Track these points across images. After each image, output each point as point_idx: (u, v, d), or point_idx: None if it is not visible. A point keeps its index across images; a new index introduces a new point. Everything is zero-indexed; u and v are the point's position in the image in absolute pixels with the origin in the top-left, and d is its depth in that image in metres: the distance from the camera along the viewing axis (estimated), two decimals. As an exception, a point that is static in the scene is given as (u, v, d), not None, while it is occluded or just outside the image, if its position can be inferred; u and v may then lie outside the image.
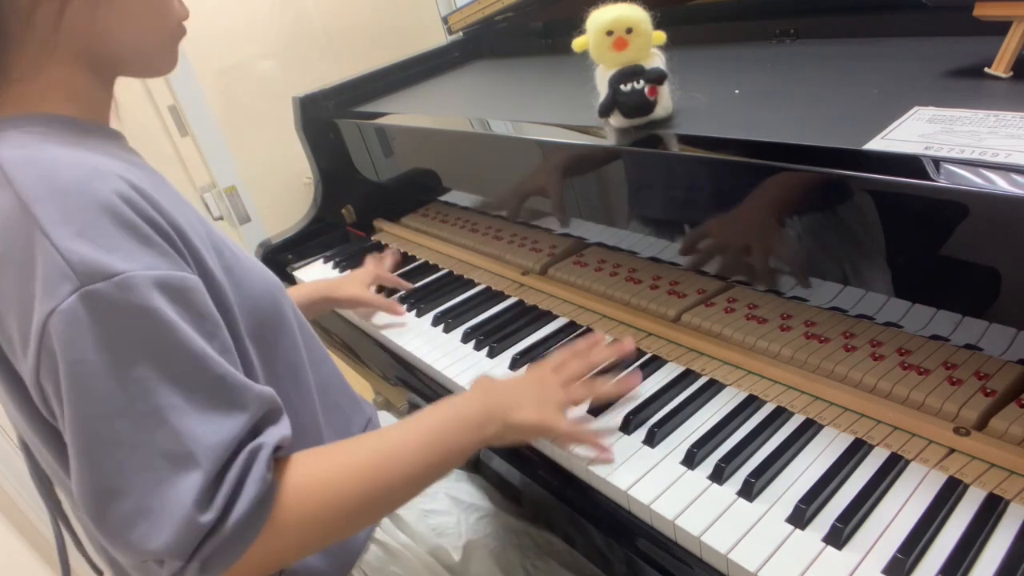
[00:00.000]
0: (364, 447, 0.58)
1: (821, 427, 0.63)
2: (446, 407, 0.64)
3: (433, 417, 0.62)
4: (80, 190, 0.47)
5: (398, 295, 1.06)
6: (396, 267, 1.12)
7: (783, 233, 0.63)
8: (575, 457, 0.66)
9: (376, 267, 1.07)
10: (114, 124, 0.61)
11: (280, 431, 0.52)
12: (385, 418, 0.96)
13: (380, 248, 1.28)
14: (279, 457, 0.52)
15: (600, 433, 0.67)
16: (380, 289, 1.07)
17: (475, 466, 0.85)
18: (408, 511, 0.75)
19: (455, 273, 1.10)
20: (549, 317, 0.91)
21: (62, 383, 0.45)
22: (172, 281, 0.48)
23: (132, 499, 0.45)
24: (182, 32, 0.60)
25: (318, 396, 0.69)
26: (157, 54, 0.59)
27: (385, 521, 0.75)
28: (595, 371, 0.73)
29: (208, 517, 0.46)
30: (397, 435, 0.59)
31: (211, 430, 0.47)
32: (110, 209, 0.47)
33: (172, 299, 0.48)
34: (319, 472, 0.54)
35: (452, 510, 0.78)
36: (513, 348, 0.86)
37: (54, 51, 0.52)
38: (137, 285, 0.46)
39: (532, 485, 0.72)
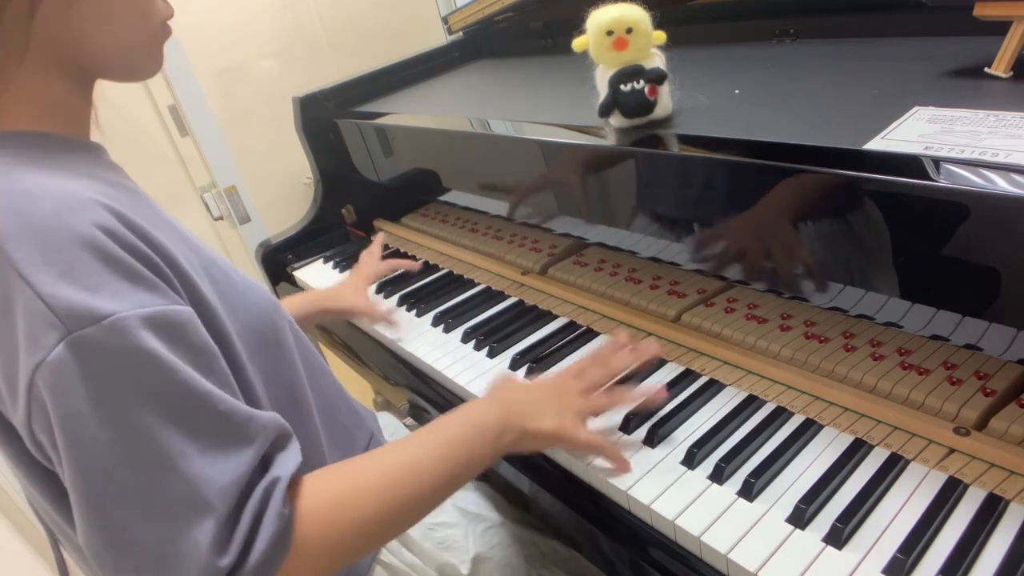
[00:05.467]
0: (379, 464, 0.56)
1: (821, 427, 0.63)
2: (462, 417, 0.61)
3: (449, 428, 0.60)
4: (57, 225, 0.44)
5: (401, 294, 1.06)
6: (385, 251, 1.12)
7: (782, 233, 0.63)
8: (578, 460, 0.66)
9: (369, 266, 1.05)
10: (94, 134, 0.57)
11: (292, 458, 0.51)
12: (385, 418, 0.96)
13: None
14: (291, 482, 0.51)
15: (620, 445, 0.66)
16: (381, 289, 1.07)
17: (482, 475, 0.85)
18: (413, 527, 0.72)
19: (455, 273, 1.10)
20: (549, 317, 0.91)
21: (58, 438, 0.43)
22: (165, 317, 0.45)
23: (146, 552, 0.43)
24: (167, 33, 0.56)
25: (319, 414, 0.67)
26: (139, 56, 0.55)
27: (391, 541, 0.73)
28: (617, 379, 0.71)
29: (227, 561, 0.44)
30: (413, 449, 0.57)
31: (220, 470, 0.45)
32: (92, 244, 0.44)
33: (166, 337, 0.45)
34: (334, 496, 0.52)
35: (459, 522, 0.76)
36: (513, 348, 0.86)
37: (25, 56, 0.49)
38: (128, 326, 0.43)
39: (538, 489, 0.72)
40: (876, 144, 0.54)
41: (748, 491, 0.57)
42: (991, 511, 0.51)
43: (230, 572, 0.44)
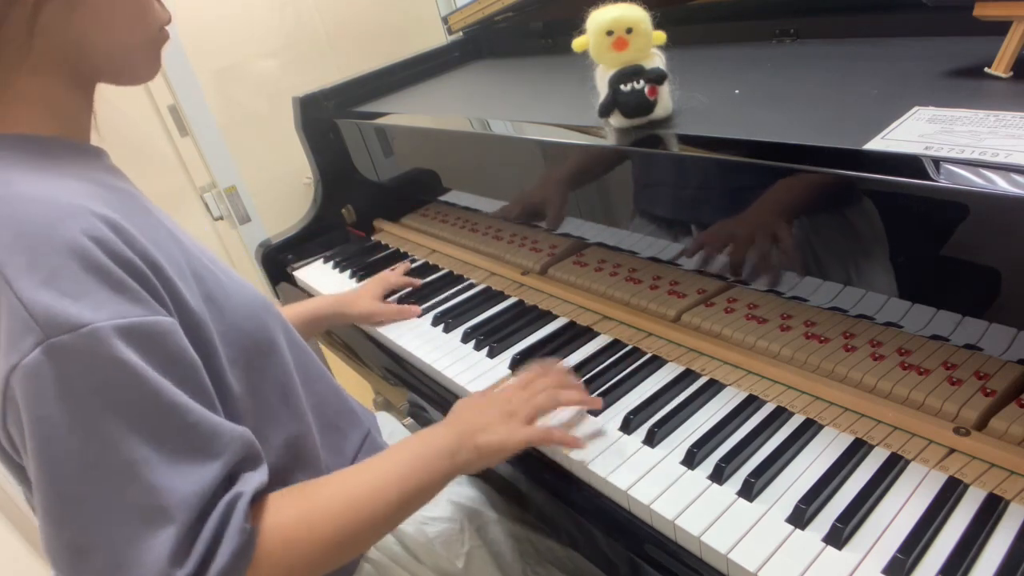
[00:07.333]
0: (341, 486, 0.57)
1: (821, 427, 0.63)
2: (418, 441, 0.64)
3: (406, 452, 0.62)
4: (46, 232, 0.45)
5: (402, 293, 1.06)
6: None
7: (783, 233, 0.63)
8: (575, 458, 0.66)
9: (386, 275, 1.07)
10: (94, 138, 0.58)
11: (258, 478, 0.51)
12: (385, 418, 0.96)
13: (380, 248, 1.28)
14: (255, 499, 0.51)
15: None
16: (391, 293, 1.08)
17: (478, 472, 0.85)
18: (407, 522, 0.72)
19: (455, 273, 1.10)
20: (549, 317, 0.91)
21: (27, 439, 0.44)
22: (142, 328, 0.46)
23: (104, 556, 0.44)
24: (164, 37, 0.58)
25: (313, 416, 0.67)
26: (137, 60, 0.57)
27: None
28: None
29: (184, 572, 0.44)
30: (373, 471, 0.59)
31: (184, 482, 0.46)
32: (78, 253, 0.45)
33: (141, 348, 0.46)
34: (297, 515, 0.53)
35: (455, 516, 0.77)
36: (513, 348, 0.86)
37: (28, 58, 0.50)
38: (104, 336, 0.44)
39: (534, 487, 0.72)
40: (876, 144, 0.54)
41: (748, 491, 0.57)
42: (991, 511, 0.51)
43: None
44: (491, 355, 0.86)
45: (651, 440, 0.65)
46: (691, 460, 0.62)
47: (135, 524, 0.44)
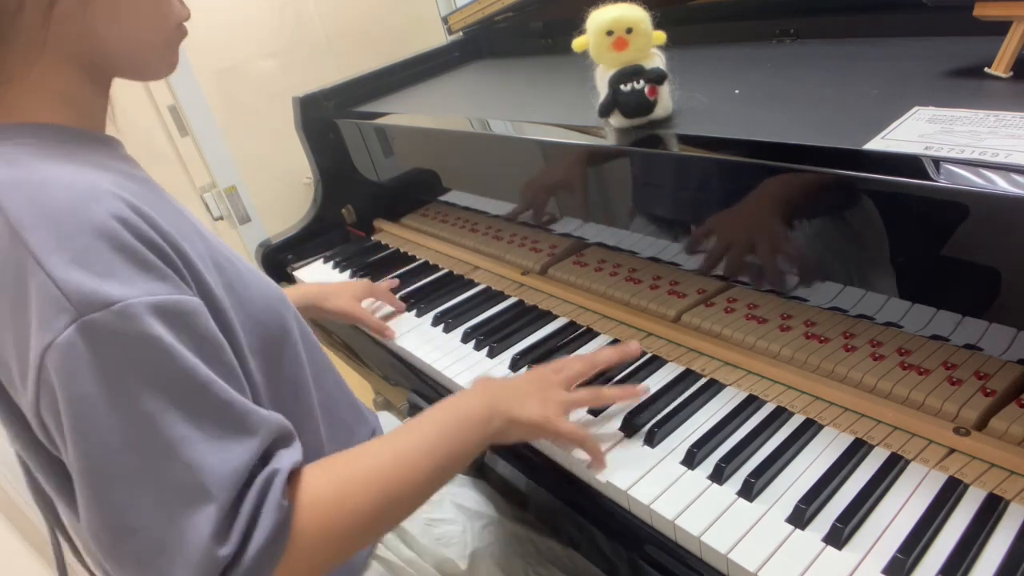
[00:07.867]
0: (377, 456, 0.56)
1: (821, 427, 0.63)
2: (450, 406, 0.63)
3: (438, 418, 0.61)
4: (74, 214, 0.45)
5: (401, 294, 1.06)
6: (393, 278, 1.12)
7: (783, 233, 0.63)
8: (575, 457, 0.66)
9: (371, 283, 1.05)
10: (110, 129, 0.58)
11: (293, 455, 0.51)
12: (385, 418, 0.96)
13: (380, 248, 1.28)
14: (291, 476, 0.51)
15: (600, 438, 0.67)
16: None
17: (479, 471, 0.85)
18: (412, 523, 0.74)
19: (455, 273, 1.10)
20: (549, 317, 0.91)
21: (64, 419, 0.43)
22: (173, 306, 0.46)
23: (146, 535, 0.44)
24: (182, 34, 0.57)
25: (321, 411, 0.67)
26: (154, 56, 0.56)
27: (389, 536, 0.73)
28: (598, 376, 0.74)
29: (226, 550, 0.44)
30: (405, 440, 0.58)
31: (222, 459, 0.46)
32: (106, 233, 0.45)
33: (173, 325, 0.46)
34: (333, 488, 0.52)
35: (458, 518, 0.77)
36: (513, 348, 0.86)
37: (44, 50, 0.50)
38: (137, 313, 0.44)
39: (535, 487, 0.72)
40: (876, 144, 0.54)
41: (748, 491, 0.57)
42: (991, 511, 0.51)
43: (229, 562, 0.45)
44: (491, 355, 0.86)
45: (651, 440, 0.65)
46: (691, 460, 0.62)
47: (176, 503, 0.44)
